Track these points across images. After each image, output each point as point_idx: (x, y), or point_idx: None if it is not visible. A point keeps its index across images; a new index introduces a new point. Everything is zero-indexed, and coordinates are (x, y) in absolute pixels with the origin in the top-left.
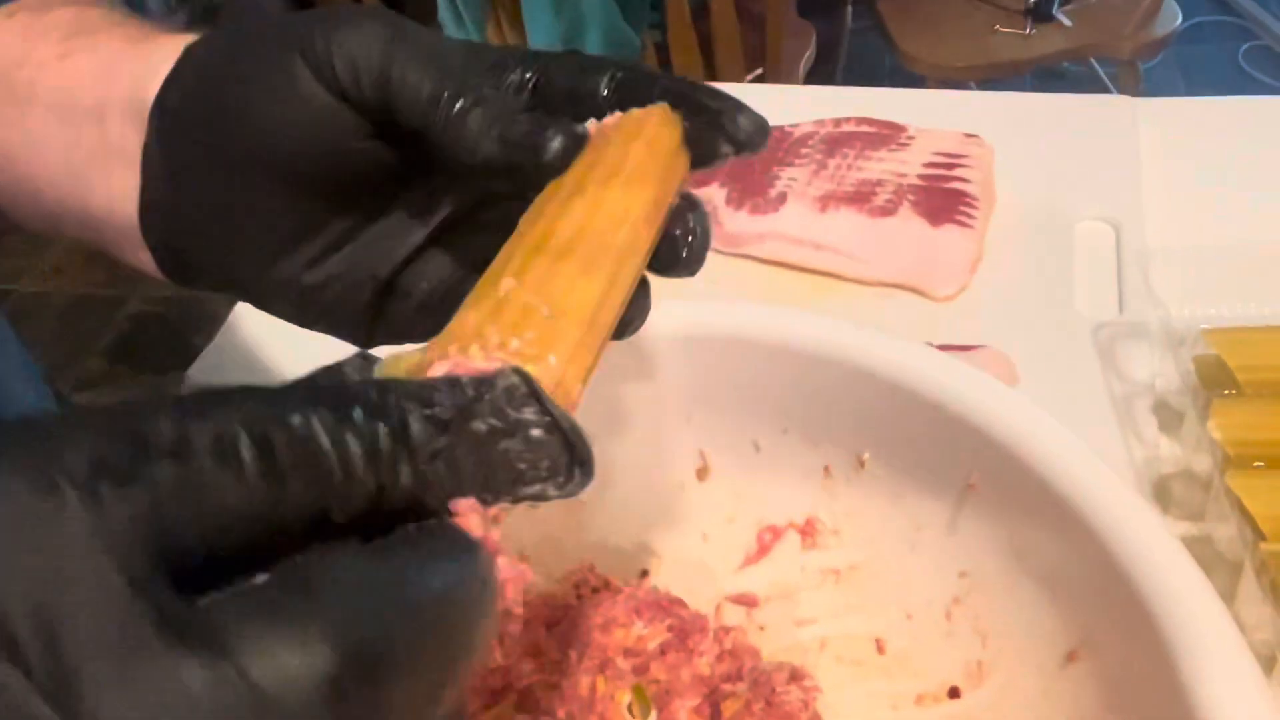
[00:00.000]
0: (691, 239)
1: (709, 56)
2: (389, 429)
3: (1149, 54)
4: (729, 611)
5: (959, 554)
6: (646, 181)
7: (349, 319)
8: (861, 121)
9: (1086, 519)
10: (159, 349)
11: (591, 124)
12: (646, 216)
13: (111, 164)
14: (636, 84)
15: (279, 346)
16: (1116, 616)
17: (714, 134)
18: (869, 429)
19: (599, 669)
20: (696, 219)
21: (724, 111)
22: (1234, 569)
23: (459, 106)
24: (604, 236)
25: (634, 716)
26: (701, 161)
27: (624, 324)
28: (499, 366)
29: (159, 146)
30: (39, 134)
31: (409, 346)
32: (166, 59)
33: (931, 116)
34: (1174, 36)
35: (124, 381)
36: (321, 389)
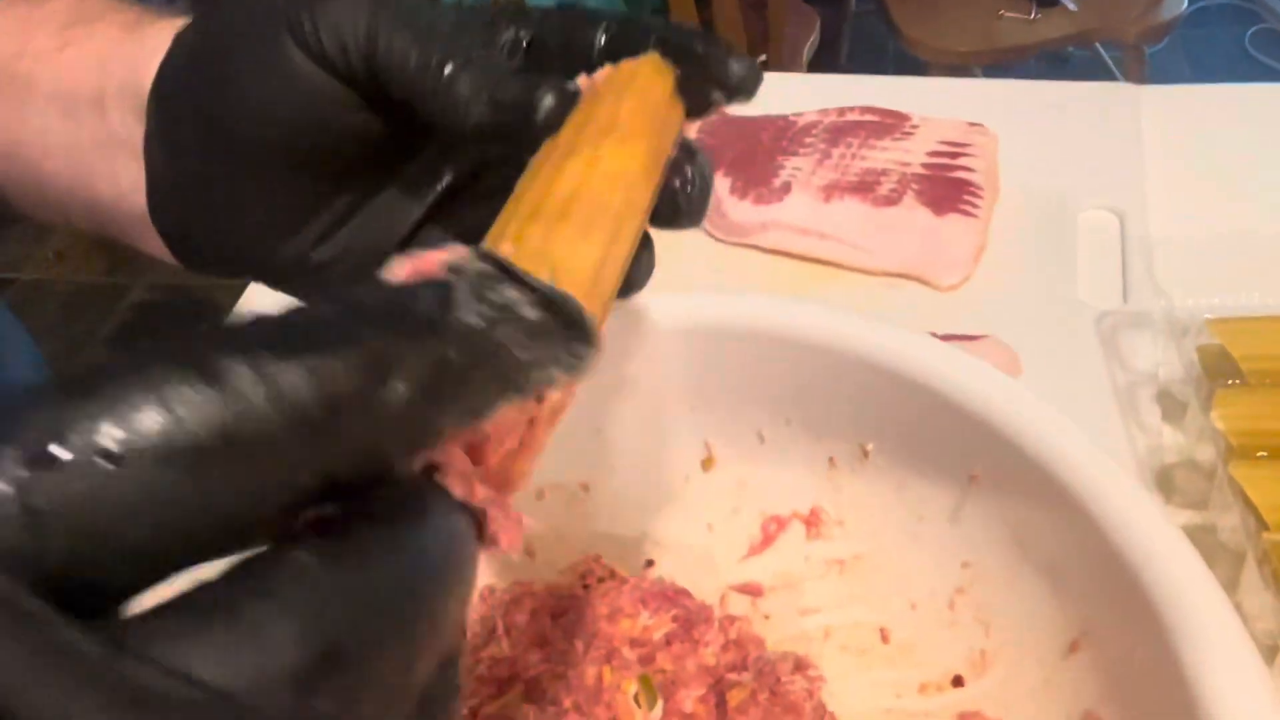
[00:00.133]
0: (691, 189)
1: None
2: (358, 354)
3: (1154, 38)
4: (734, 601)
5: (962, 544)
6: (641, 135)
7: None
8: (866, 110)
9: (1089, 510)
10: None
11: (583, 79)
12: (643, 171)
13: (115, 154)
14: (630, 35)
15: None
16: (1119, 606)
17: (706, 81)
18: (873, 420)
19: (605, 659)
20: (695, 169)
21: (714, 57)
22: (1237, 558)
23: (447, 72)
24: (601, 196)
25: (640, 706)
26: (697, 110)
27: (628, 283)
28: (455, 252)
29: (159, 134)
30: (41, 126)
31: None
32: (159, 46)
33: (935, 104)
34: (1180, 20)
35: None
36: (251, 325)
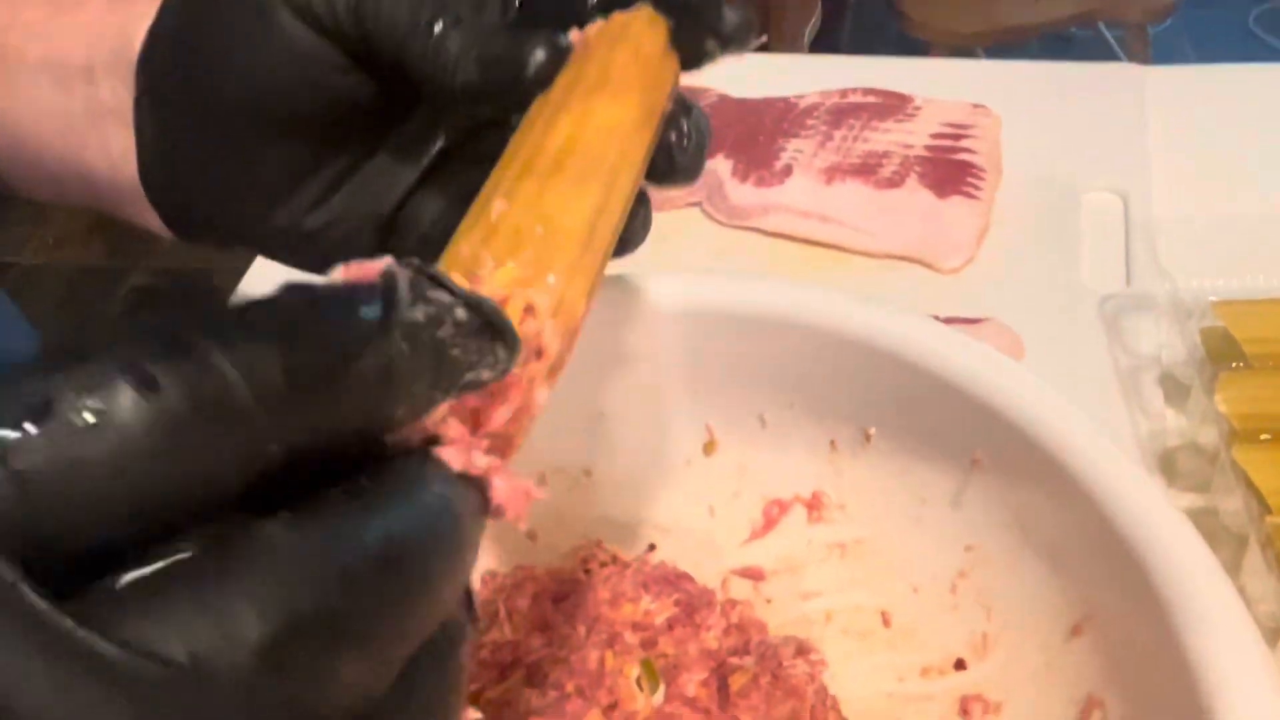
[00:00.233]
0: (687, 143)
1: None
2: (319, 339)
3: (1158, 18)
4: (736, 585)
5: (964, 528)
6: (634, 88)
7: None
8: (868, 92)
9: (1091, 493)
10: None
11: (575, 34)
12: (637, 125)
13: (107, 123)
14: None
15: None
16: (1121, 590)
17: (699, 31)
18: (875, 403)
19: (607, 643)
20: (691, 123)
21: (707, 6)
22: (1239, 542)
23: (436, 30)
24: (594, 149)
25: (642, 690)
26: (691, 62)
27: (624, 240)
28: (385, 261)
29: (147, 101)
30: (33, 98)
31: None
32: (148, 12)
33: (938, 85)
34: (1183, 0)
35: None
36: (221, 310)
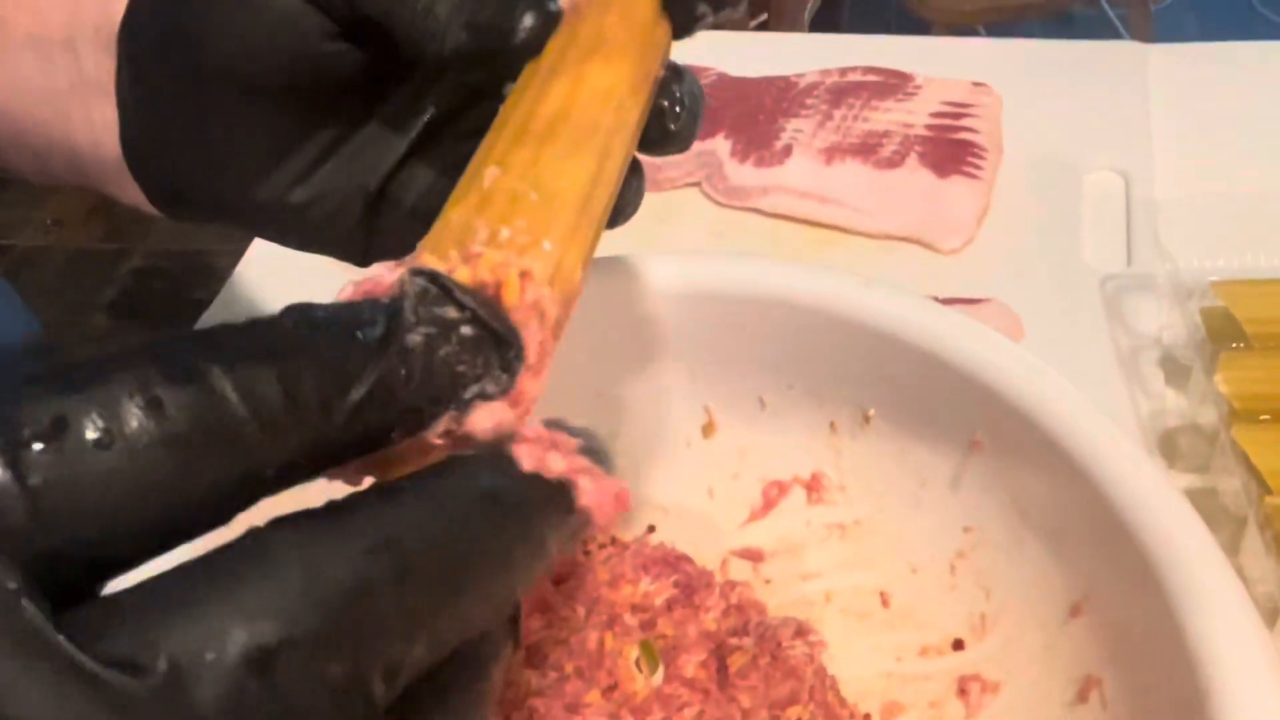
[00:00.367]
0: (680, 109)
1: None
2: (317, 363)
3: None
4: (735, 566)
5: (963, 509)
6: (626, 53)
7: (342, 237)
8: (868, 71)
9: (1090, 474)
10: (163, 303)
11: None
12: (631, 90)
13: (90, 96)
14: None
15: (283, 302)
16: (1120, 570)
17: None
18: (874, 385)
19: (607, 625)
20: (684, 89)
21: None
22: (1239, 522)
23: None
24: (588, 115)
25: (642, 671)
26: (683, 26)
27: (618, 210)
28: (399, 275)
29: (129, 72)
30: (16, 71)
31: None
32: None
33: (939, 64)
34: None
35: (130, 337)
36: (223, 332)
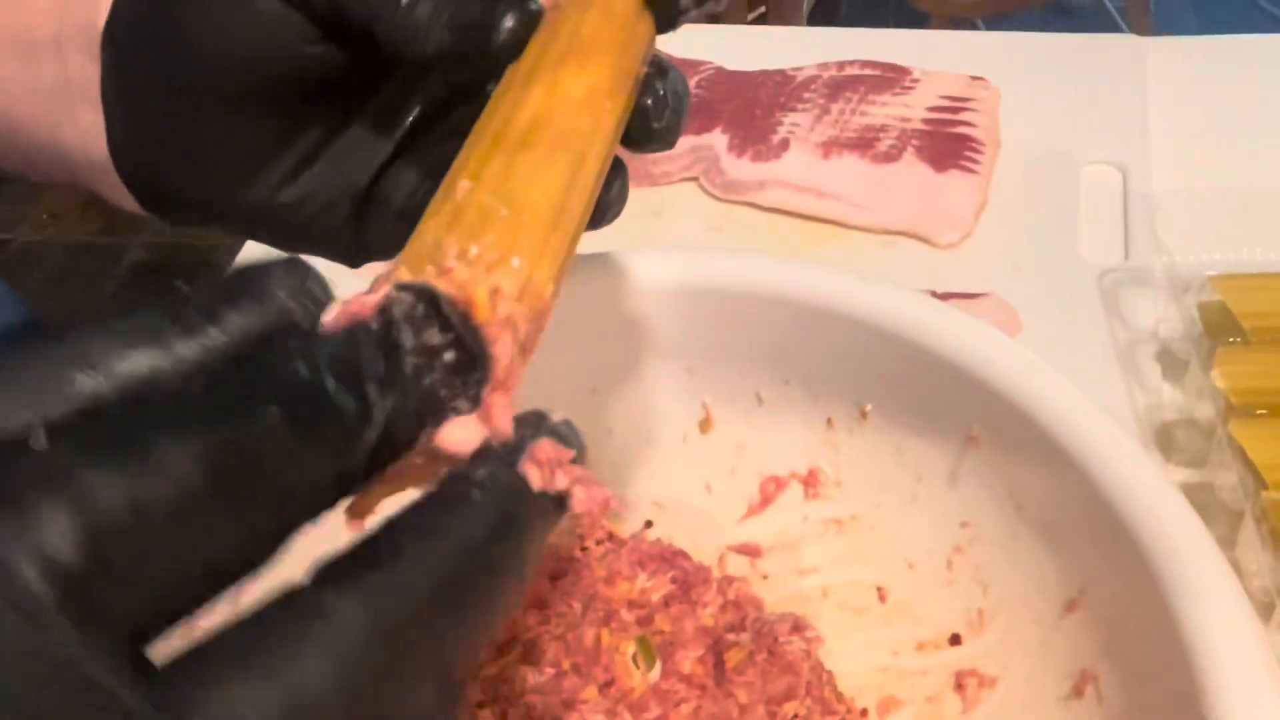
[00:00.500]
0: (664, 108)
1: None
2: (334, 414)
3: None
4: (732, 562)
5: (960, 504)
6: (606, 53)
7: (332, 237)
8: (866, 65)
9: (1086, 469)
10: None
11: None
12: (609, 91)
13: (76, 101)
14: None
15: None
16: (1116, 565)
17: None
18: (871, 380)
19: (604, 621)
20: (667, 85)
21: None
22: (1235, 517)
23: None
24: (563, 121)
25: (638, 668)
26: (666, 21)
27: (601, 211)
28: (384, 292)
29: (113, 76)
30: (4, 72)
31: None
32: None
33: (937, 57)
34: None
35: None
36: (266, 375)
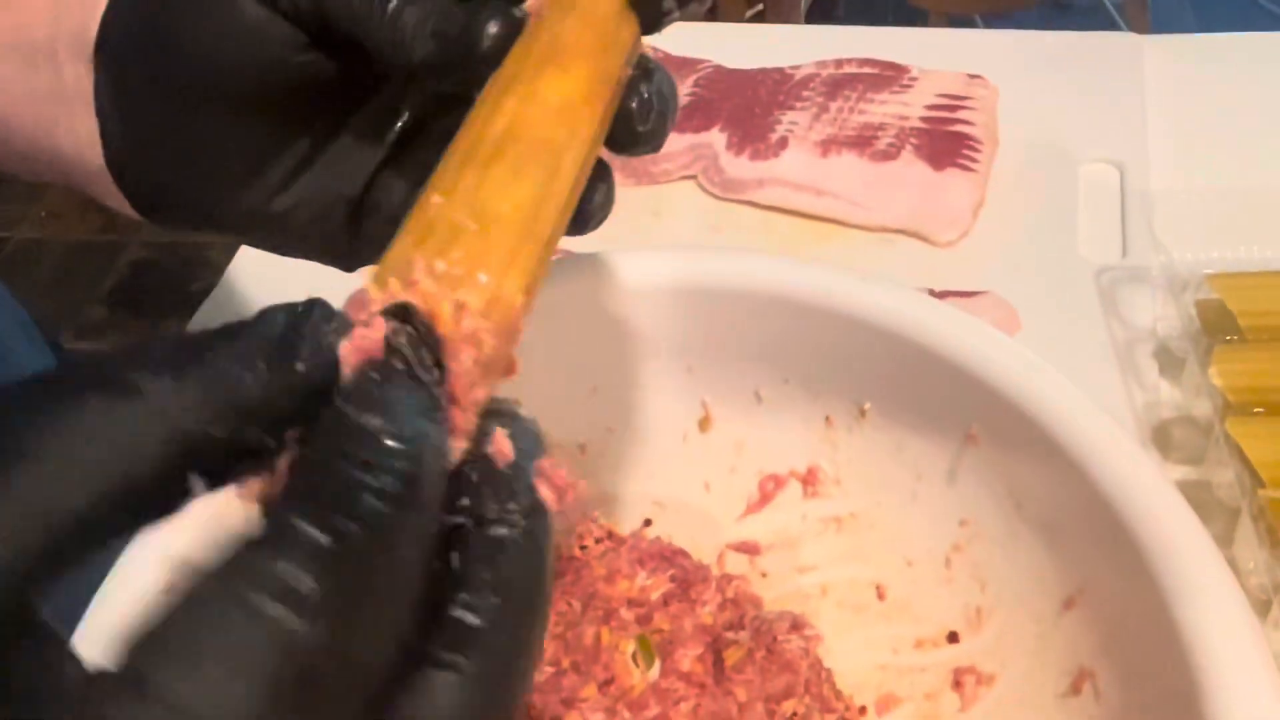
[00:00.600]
0: (649, 111)
1: None
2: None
3: None
4: (731, 560)
5: (959, 502)
6: (584, 57)
7: (327, 243)
8: (864, 63)
9: (1084, 467)
10: (160, 295)
11: (530, 1)
12: (586, 98)
13: (72, 106)
14: None
15: (278, 298)
16: (1114, 563)
17: None
18: (870, 379)
19: (603, 619)
20: (652, 88)
21: None
22: (1232, 514)
23: (391, 6)
24: (537, 130)
25: (638, 666)
26: (650, 23)
27: (585, 218)
28: (380, 327)
29: (107, 84)
30: (1, 76)
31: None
32: None
33: (935, 55)
34: None
35: (127, 328)
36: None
